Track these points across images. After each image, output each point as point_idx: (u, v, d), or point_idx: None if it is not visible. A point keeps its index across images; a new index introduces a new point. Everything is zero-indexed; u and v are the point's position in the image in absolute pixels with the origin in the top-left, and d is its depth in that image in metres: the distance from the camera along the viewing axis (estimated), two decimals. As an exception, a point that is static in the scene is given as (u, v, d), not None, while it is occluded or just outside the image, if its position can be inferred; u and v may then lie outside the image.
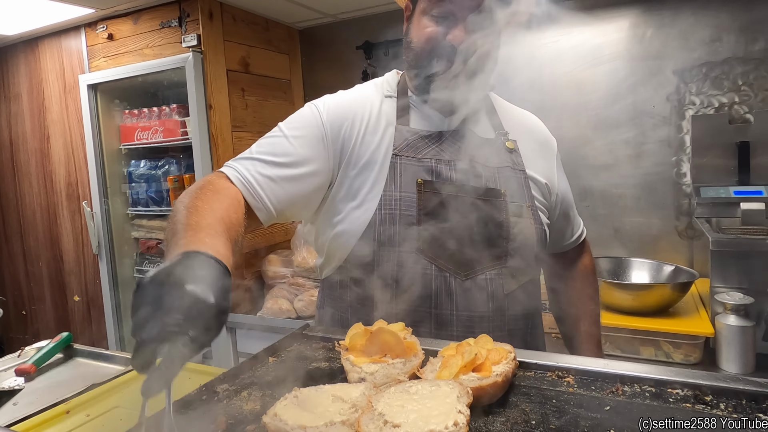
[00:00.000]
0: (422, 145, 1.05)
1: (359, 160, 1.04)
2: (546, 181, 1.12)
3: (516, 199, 1.05)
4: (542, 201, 1.11)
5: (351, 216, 1.04)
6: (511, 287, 1.03)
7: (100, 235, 2.89)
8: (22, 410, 1.08)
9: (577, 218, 1.28)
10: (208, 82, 2.49)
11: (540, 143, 1.17)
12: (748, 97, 2.17)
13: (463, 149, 1.05)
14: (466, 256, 1.01)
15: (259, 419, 0.70)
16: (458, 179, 1.03)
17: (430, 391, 0.70)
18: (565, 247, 1.27)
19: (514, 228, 1.03)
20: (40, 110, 3.10)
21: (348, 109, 1.08)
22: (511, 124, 1.14)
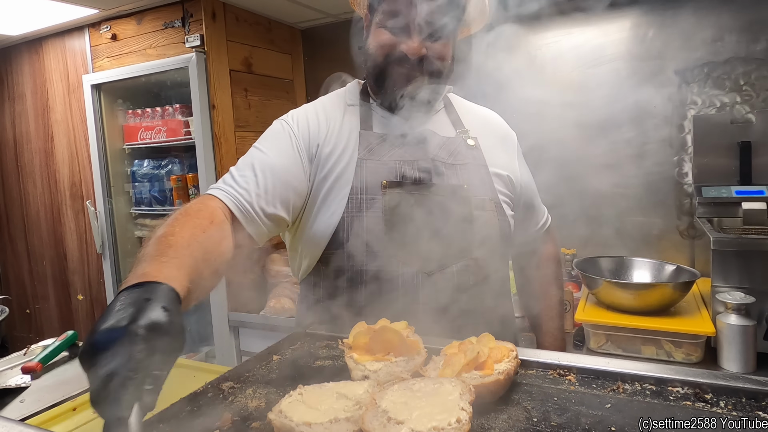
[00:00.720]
0: (386, 148, 1.10)
1: (326, 166, 1.09)
2: (508, 173, 1.18)
3: (479, 194, 1.10)
4: (506, 193, 1.16)
5: (319, 219, 1.08)
6: (477, 278, 1.08)
7: (103, 234, 2.91)
8: (29, 407, 1.09)
9: (541, 207, 1.33)
10: (211, 82, 2.50)
11: (500, 138, 1.23)
12: (749, 96, 2.17)
13: (425, 149, 1.11)
14: (431, 251, 1.05)
15: (264, 416, 0.72)
16: (421, 178, 1.08)
17: (433, 388, 0.71)
18: (530, 236, 1.31)
19: (478, 221, 1.08)
20: (44, 110, 3.12)
21: (314, 119, 1.13)
22: (471, 122, 1.20)
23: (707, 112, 2.23)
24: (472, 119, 1.21)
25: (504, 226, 1.13)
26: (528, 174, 1.27)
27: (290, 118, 1.14)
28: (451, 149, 1.13)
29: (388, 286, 1.05)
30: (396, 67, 1.06)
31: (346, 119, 1.14)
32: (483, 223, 1.09)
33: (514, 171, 1.20)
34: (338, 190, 1.07)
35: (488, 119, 1.26)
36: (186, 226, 0.85)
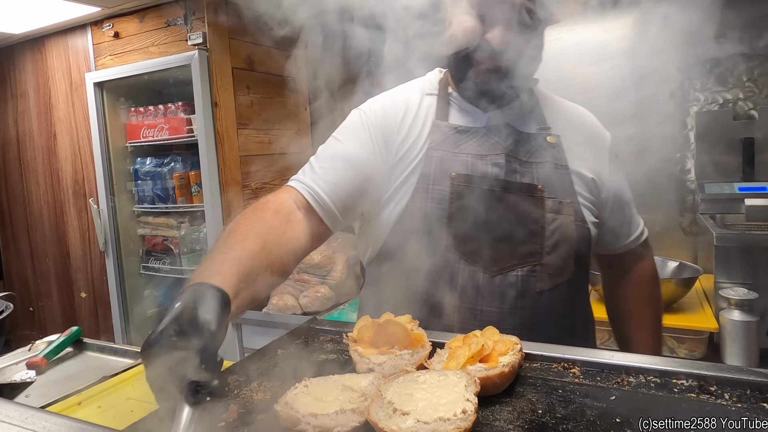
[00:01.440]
0: (459, 140, 1.06)
1: (398, 155, 1.07)
2: (592, 176, 1.08)
3: (555, 195, 1.02)
4: (588, 197, 1.07)
5: (387, 207, 1.06)
6: (545, 286, 1.01)
7: (106, 232, 2.92)
8: (34, 402, 1.10)
9: (636, 218, 1.19)
10: (214, 80, 2.51)
11: (588, 137, 1.12)
12: (752, 93, 2.17)
13: (500, 144, 1.04)
14: (496, 252, 1.00)
15: (270, 409, 0.72)
16: (493, 173, 1.02)
17: (438, 380, 0.71)
18: (621, 249, 1.19)
19: (551, 225, 1.01)
20: (46, 108, 3.12)
21: (390, 108, 1.11)
22: (556, 119, 1.11)
23: (710, 109, 2.23)
24: (558, 115, 1.12)
25: (583, 233, 1.04)
26: (621, 179, 1.14)
27: (367, 108, 1.12)
28: (528, 146, 1.06)
29: (446, 283, 1.01)
30: (478, 57, 1.00)
31: (422, 108, 1.10)
32: (557, 227, 1.01)
33: (600, 174, 1.10)
34: (406, 179, 1.05)
35: (576, 116, 1.16)
36: (247, 220, 0.92)
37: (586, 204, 1.06)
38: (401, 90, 1.16)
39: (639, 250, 1.21)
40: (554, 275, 1.01)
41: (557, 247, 1.01)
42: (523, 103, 1.09)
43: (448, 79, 1.12)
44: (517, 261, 1.00)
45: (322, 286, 2.51)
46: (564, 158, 1.06)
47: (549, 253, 1.00)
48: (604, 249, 1.20)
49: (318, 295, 2.46)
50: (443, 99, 1.10)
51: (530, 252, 1.00)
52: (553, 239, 1.01)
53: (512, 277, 1.00)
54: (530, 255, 1.00)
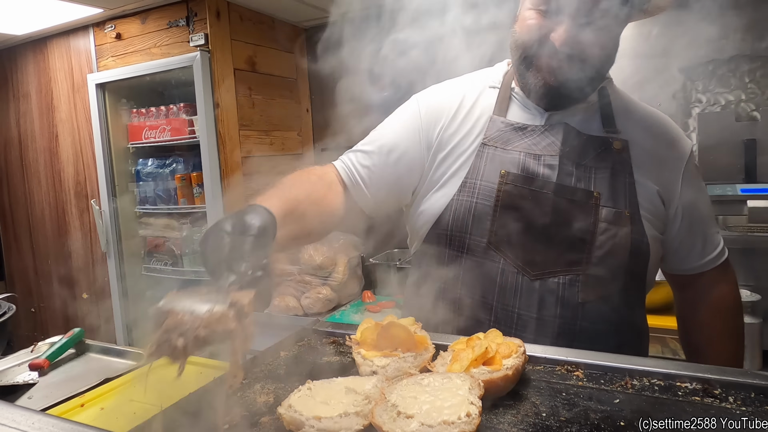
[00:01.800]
0: (514, 137, 1.02)
1: (447, 146, 1.05)
2: (659, 188, 1.01)
3: (612, 204, 0.97)
4: (651, 210, 1.00)
5: (432, 198, 1.06)
6: (588, 297, 0.96)
7: (108, 233, 2.92)
8: (36, 403, 1.10)
9: (713, 237, 1.09)
10: (216, 81, 2.51)
11: (662, 145, 1.04)
12: (754, 94, 2.16)
13: (557, 145, 1.00)
14: (538, 256, 0.97)
15: (273, 411, 0.72)
16: (545, 174, 0.98)
17: (442, 383, 0.71)
18: (692, 270, 1.09)
19: (603, 234, 0.96)
20: (48, 109, 3.13)
21: (444, 98, 1.10)
22: (628, 123, 1.04)
23: (712, 110, 2.23)
24: (630, 119, 1.04)
25: (639, 246, 0.97)
26: (696, 194, 1.05)
27: (423, 97, 1.12)
28: (589, 149, 1.00)
29: (485, 282, 0.99)
30: (541, 55, 0.95)
31: (481, 101, 1.07)
32: (610, 237, 0.96)
33: (670, 187, 1.02)
34: (456, 172, 1.03)
35: (652, 122, 1.07)
36: (294, 178, 1.02)
37: (649, 217, 0.99)
38: (463, 81, 1.14)
39: (715, 274, 1.09)
40: (600, 287, 0.96)
41: (606, 258, 0.96)
42: (590, 104, 1.04)
43: (512, 72, 1.08)
44: (560, 268, 0.96)
45: (323, 288, 2.51)
46: (629, 166, 1.00)
47: (596, 263, 0.96)
48: (673, 268, 1.11)
49: (319, 296, 2.46)
50: (505, 93, 1.07)
51: (575, 260, 0.96)
52: (603, 250, 0.96)
53: (553, 283, 0.96)
54: (575, 263, 0.96)
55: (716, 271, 1.09)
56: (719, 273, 1.10)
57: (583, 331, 0.97)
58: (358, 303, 2.60)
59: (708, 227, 1.08)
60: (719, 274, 1.10)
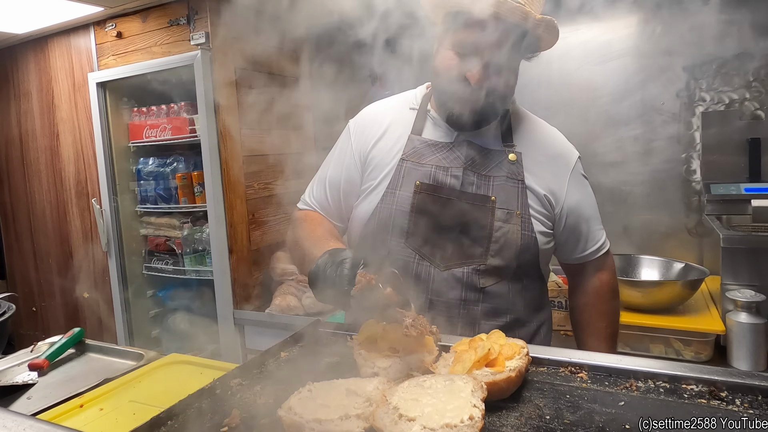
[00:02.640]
0: (428, 152, 1.20)
1: (374, 161, 1.24)
2: (546, 192, 1.19)
3: (506, 206, 1.16)
4: (540, 211, 1.18)
5: (360, 206, 1.25)
6: (487, 283, 1.15)
7: (109, 232, 2.91)
8: (36, 404, 1.09)
9: (595, 233, 1.28)
10: (217, 80, 2.50)
11: (551, 157, 1.23)
12: (759, 93, 2.15)
13: (463, 159, 1.18)
14: (446, 251, 1.15)
15: (273, 413, 0.71)
16: (452, 184, 1.16)
17: (445, 385, 0.70)
18: (577, 260, 1.29)
19: (498, 231, 1.15)
20: (49, 108, 3.12)
21: (373, 119, 1.30)
22: (524, 138, 1.23)
23: (716, 109, 2.21)
24: (526, 135, 1.24)
25: (527, 240, 1.16)
26: (581, 197, 1.24)
27: (355, 121, 1.32)
28: (490, 161, 1.19)
29: (405, 275, 1.10)
30: (456, 89, 1.12)
31: (402, 121, 1.26)
32: (503, 234, 1.14)
33: (555, 191, 1.20)
34: (380, 183, 1.21)
35: (544, 136, 1.26)
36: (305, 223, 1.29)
37: (537, 216, 1.18)
38: (392, 101, 1.34)
39: (598, 264, 1.30)
40: (496, 274, 1.16)
41: (502, 250, 1.15)
42: (494, 121, 1.22)
43: (431, 95, 1.26)
44: (464, 260, 1.15)
45: (324, 287, 2.50)
46: (521, 174, 1.18)
47: (493, 255, 1.15)
48: (562, 258, 1.32)
49: (321, 295, 2.45)
50: (422, 114, 1.25)
51: (476, 253, 1.15)
52: (499, 244, 1.14)
53: (459, 273, 1.15)
54: (476, 256, 1.15)
55: (597, 261, 1.30)
56: (600, 263, 1.31)
57: (484, 312, 1.16)
58: (359, 302, 2.59)
59: (590, 225, 1.27)
60: (600, 264, 1.31)
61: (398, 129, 1.25)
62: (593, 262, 1.30)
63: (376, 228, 1.20)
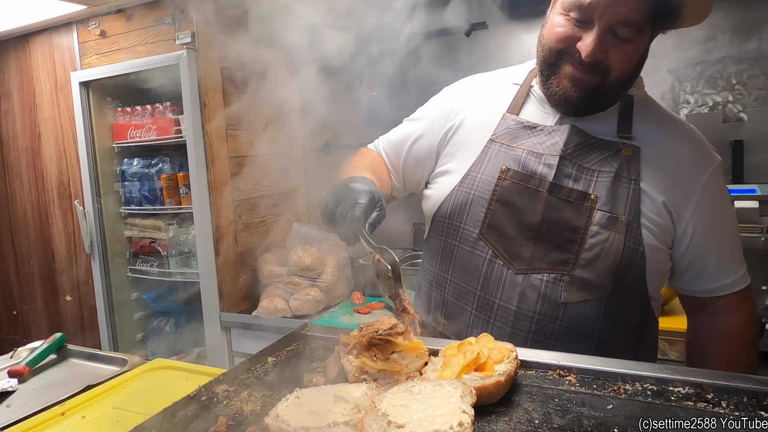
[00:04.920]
0: (522, 134, 1.04)
1: (460, 138, 1.12)
2: (665, 199, 0.96)
3: (609, 209, 0.95)
4: (655, 220, 0.96)
5: (437, 185, 1.13)
6: (571, 298, 0.96)
7: (92, 234, 2.86)
8: (16, 412, 1.07)
9: (728, 265, 1.01)
10: (203, 80, 2.47)
11: (681, 158, 1.00)
12: (741, 96, 2.18)
13: (563, 145, 1.00)
14: (525, 251, 0.98)
15: (260, 420, 0.70)
16: (543, 173, 0.99)
17: (433, 390, 0.69)
18: (700, 293, 1.04)
19: (594, 237, 0.95)
20: (30, 108, 3.06)
21: (467, 92, 1.18)
22: (648, 130, 1.01)
23: (700, 111, 2.24)
24: (649, 126, 1.01)
25: (631, 255, 0.94)
26: (716, 213, 1.00)
27: (449, 89, 1.22)
28: (595, 152, 0.99)
29: (473, 271, 1.03)
30: (565, 63, 0.95)
31: (500, 97, 1.11)
32: (600, 241, 0.94)
33: (680, 200, 0.97)
34: (462, 163, 1.08)
35: (673, 132, 1.02)
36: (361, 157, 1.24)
37: (650, 227, 0.96)
38: (491, 76, 1.19)
39: (730, 303, 1.02)
40: (583, 290, 0.95)
41: (595, 261, 0.95)
42: (614, 108, 1.03)
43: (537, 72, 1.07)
44: (546, 265, 0.97)
45: (312, 289, 2.48)
46: (637, 173, 0.97)
47: (583, 265, 0.95)
48: (682, 288, 1.07)
49: (308, 297, 2.43)
50: (524, 91, 1.09)
51: (562, 260, 0.96)
52: (592, 253, 0.95)
53: (536, 280, 0.97)
54: (561, 263, 0.96)
55: (731, 298, 1.02)
56: (734, 302, 1.02)
57: (562, 332, 0.97)
58: (347, 304, 2.58)
59: (726, 250, 1.02)
60: (734, 303, 1.02)
61: (494, 105, 1.09)
62: (724, 300, 1.02)
63: (449, 213, 1.06)
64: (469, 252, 1.04)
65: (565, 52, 0.95)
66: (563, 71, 0.96)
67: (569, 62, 0.95)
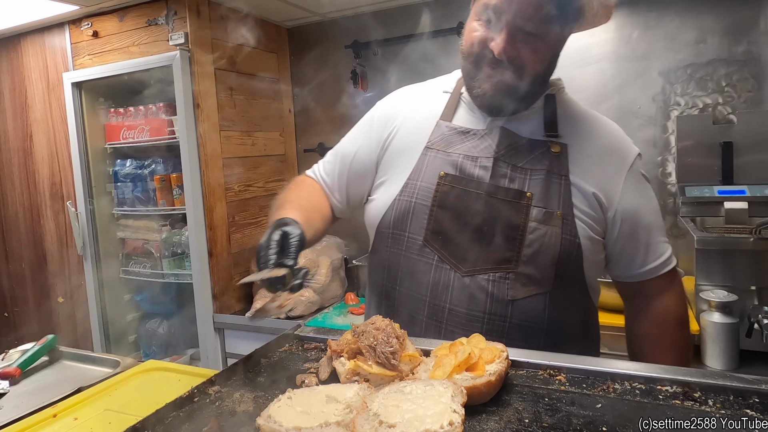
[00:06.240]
0: (457, 140, 1.07)
1: (396, 148, 1.13)
2: (595, 190, 1.01)
3: (546, 205, 0.99)
4: (587, 212, 1.01)
5: (378, 198, 1.13)
6: (518, 295, 0.98)
7: (84, 235, 2.85)
8: (7, 414, 1.06)
9: (657, 246, 1.08)
10: (196, 81, 2.47)
11: (603, 150, 1.05)
12: (731, 98, 2.20)
13: (494, 147, 1.04)
14: (469, 253, 1.00)
15: (253, 421, 0.70)
16: (480, 176, 1.02)
17: (425, 390, 0.70)
18: (634, 278, 1.10)
19: (532, 233, 0.98)
20: (22, 108, 3.04)
21: (400, 103, 1.19)
22: (571, 127, 1.06)
23: (690, 113, 2.27)
24: (573, 125, 1.07)
25: (569, 247, 0.99)
26: (640, 199, 1.06)
27: (382, 103, 1.22)
28: (526, 152, 1.03)
29: (421, 279, 1.03)
30: (483, 65, 0.99)
31: (432, 106, 1.13)
32: (539, 237, 0.98)
33: (607, 190, 1.02)
34: (399, 174, 1.09)
35: (596, 129, 1.08)
36: (296, 189, 1.21)
37: (584, 218, 1.01)
38: (426, 85, 1.21)
39: (661, 284, 1.09)
40: (529, 285, 0.99)
41: (536, 256, 0.98)
42: (535, 110, 1.07)
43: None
44: (491, 265, 0.99)
45: (306, 290, 2.48)
46: (566, 168, 1.02)
47: (526, 262, 0.98)
48: (616, 275, 1.12)
49: (302, 298, 2.44)
50: (455, 98, 1.12)
51: (505, 258, 0.99)
52: (533, 248, 0.98)
53: (483, 280, 0.99)
54: (505, 261, 0.99)
55: (661, 280, 1.09)
56: (665, 282, 1.09)
57: (513, 328, 0.99)
58: (341, 305, 2.59)
59: (652, 235, 1.08)
60: (664, 284, 1.10)
61: (427, 114, 1.12)
62: (655, 282, 1.09)
63: (392, 223, 1.07)
64: (416, 260, 1.04)
65: (482, 55, 0.99)
66: (483, 73, 1.00)
67: (486, 64, 0.99)
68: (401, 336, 0.84)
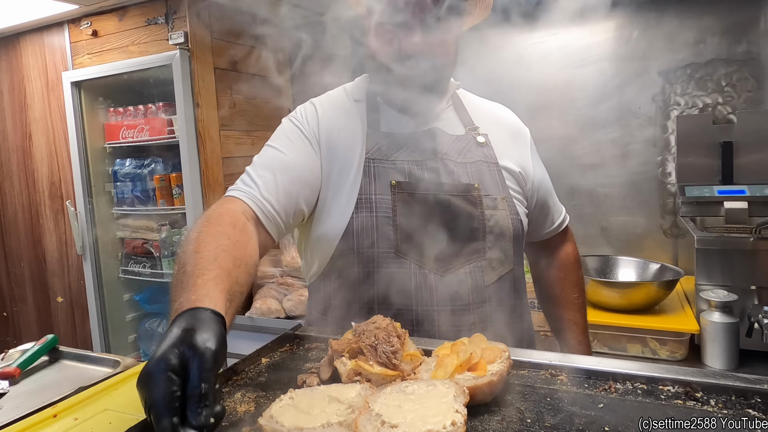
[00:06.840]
0: (394, 147, 1.08)
1: (336, 163, 1.07)
2: (519, 169, 1.14)
3: (490, 192, 1.08)
4: (517, 190, 1.13)
5: (329, 220, 1.06)
6: (491, 279, 1.05)
7: (84, 235, 2.85)
8: (7, 414, 1.06)
9: (558, 205, 1.28)
10: (196, 81, 2.46)
11: (511, 133, 1.19)
12: (731, 97, 2.21)
13: (434, 148, 1.08)
14: (443, 252, 1.03)
15: (255, 421, 0.70)
16: (431, 178, 1.05)
17: (427, 390, 0.70)
18: (546, 235, 1.28)
19: (490, 221, 1.06)
20: (21, 108, 3.04)
21: (322, 114, 1.12)
22: (481, 118, 1.17)
23: (690, 113, 2.27)
24: (482, 116, 1.18)
25: (517, 225, 1.09)
26: (542, 171, 1.22)
27: (298, 114, 1.14)
28: (460, 147, 1.10)
29: (401, 289, 1.02)
30: (397, 64, 1.03)
31: (352, 116, 1.12)
32: (495, 222, 1.06)
33: (526, 167, 1.16)
34: (346, 191, 1.05)
35: (499, 115, 1.22)
36: (210, 236, 0.85)
37: (517, 197, 1.12)
38: (328, 98, 1.17)
39: (563, 236, 1.31)
40: (498, 268, 1.07)
41: (498, 240, 1.06)
42: (448, 107, 1.16)
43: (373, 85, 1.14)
44: (464, 259, 1.04)
45: (305, 290, 2.48)
46: (494, 156, 1.12)
47: (491, 247, 1.06)
48: (533, 236, 1.27)
49: (302, 298, 2.43)
50: (372, 105, 1.12)
51: (475, 249, 1.05)
52: (494, 234, 1.06)
53: (462, 274, 1.03)
54: (475, 252, 1.05)
55: (562, 233, 1.30)
56: (564, 234, 1.31)
57: (492, 311, 1.06)
58: (341, 305, 2.59)
59: (553, 197, 1.25)
60: (564, 236, 1.31)
61: (350, 125, 1.10)
62: (560, 235, 1.30)
63: (356, 242, 1.02)
64: (394, 271, 1.02)
65: (394, 55, 1.02)
66: (397, 72, 1.03)
67: (399, 62, 1.02)
68: (402, 335, 0.83)
